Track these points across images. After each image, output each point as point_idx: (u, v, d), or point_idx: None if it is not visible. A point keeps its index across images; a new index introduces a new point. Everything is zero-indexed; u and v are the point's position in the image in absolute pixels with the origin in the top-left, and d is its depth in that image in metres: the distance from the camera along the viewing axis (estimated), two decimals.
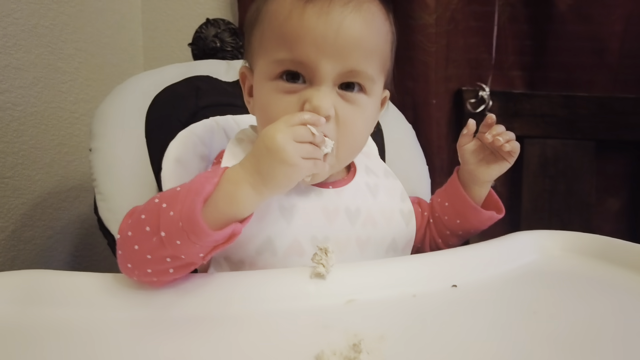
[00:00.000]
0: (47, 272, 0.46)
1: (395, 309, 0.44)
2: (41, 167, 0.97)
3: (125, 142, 0.67)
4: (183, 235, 0.41)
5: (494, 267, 0.54)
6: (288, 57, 0.49)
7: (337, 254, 0.52)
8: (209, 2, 1.20)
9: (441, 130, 1.09)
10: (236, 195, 0.43)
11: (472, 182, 0.63)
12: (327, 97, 0.49)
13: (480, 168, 0.61)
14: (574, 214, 1.11)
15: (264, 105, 0.52)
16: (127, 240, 0.44)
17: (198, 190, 0.42)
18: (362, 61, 0.50)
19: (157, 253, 0.42)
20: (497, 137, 0.58)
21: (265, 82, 0.52)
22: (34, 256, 0.97)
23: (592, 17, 1.05)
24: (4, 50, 0.87)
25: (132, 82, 0.74)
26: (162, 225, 0.42)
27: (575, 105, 1.09)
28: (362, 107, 0.52)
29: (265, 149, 0.44)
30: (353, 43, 0.49)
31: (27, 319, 0.42)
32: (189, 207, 0.41)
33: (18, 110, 0.91)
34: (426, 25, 1.03)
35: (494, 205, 0.64)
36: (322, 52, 0.48)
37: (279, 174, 0.44)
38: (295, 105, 0.49)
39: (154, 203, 0.44)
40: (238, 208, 0.44)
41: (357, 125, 0.53)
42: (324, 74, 0.49)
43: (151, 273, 0.44)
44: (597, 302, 0.47)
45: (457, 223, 0.64)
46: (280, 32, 0.50)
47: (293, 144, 0.44)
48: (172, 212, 0.42)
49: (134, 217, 0.45)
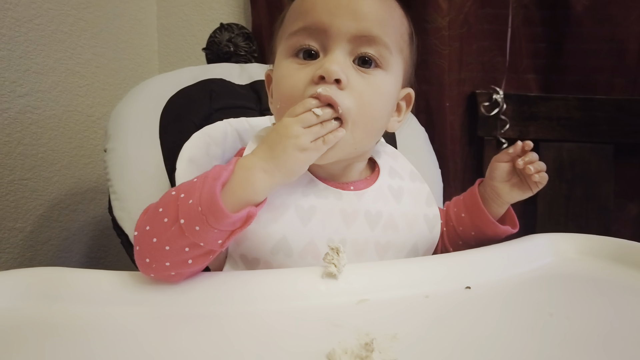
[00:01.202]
0: (64, 269, 0.47)
1: (408, 309, 0.44)
2: (58, 169, 0.99)
3: (139, 143, 0.68)
4: (202, 220, 0.42)
5: (508, 269, 0.53)
6: (302, 25, 0.51)
7: (354, 257, 0.52)
8: (222, 8, 1.22)
9: (455, 133, 1.09)
10: (249, 179, 0.45)
11: (492, 199, 0.62)
12: (337, 61, 0.49)
13: (505, 188, 0.61)
14: (591, 219, 1.09)
15: (279, 80, 0.53)
16: (144, 234, 0.45)
17: (215, 176, 0.44)
18: (377, 26, 0.51)
19: (176, 243, 0.43)
20: (529, 165, 0.58)
21: (282, 59, 0.53)
22: (51, 257, 0.98)
23: (609, 18, 1.03)
24: (25, 55, 0.90)
25: (147, 84, 0.75)
26: (180, 213, 0.43)
27: (593, 108, 1.07)
28: (379, 82, 0.52)
29: (277, 137, 0.47)
30: (366, 8, 0.50)
31: (44, 314, 0.43)
32: (208, 191, 0.43)
33: (37, 114, 0.93)
34: (439, 28, 1.03)
35: (509, 220, 0.64)
36: (335, 14, 0.49)
37: (290, 159, 0.46)
38: (309, 75, 0.49)
39: (170, 195, 0.46)
40: (253, 190, 0.45)
41: (373, 100, 0.51)
42: (337, 36, 0.50)
43: (170, 266, 0.44)
44: (613, 304, 0.46)
45: (472, 235, 0.63)
46: (297, 9, 0.53)
47: (303, 131, 0.46)
48: (191, 200, 0.43)
49: (150, 212, 0.46)
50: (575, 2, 1.03)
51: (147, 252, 0.44)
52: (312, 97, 0.48)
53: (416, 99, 0.60)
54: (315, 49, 0.51)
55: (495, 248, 0.57)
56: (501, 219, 0.63)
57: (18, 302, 0.44)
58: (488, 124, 1.09)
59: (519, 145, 0.60)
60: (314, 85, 0.49)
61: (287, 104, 0.50)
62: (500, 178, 0.61)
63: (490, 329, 0.41)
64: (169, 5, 1.24)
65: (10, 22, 0.86)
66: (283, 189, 0.52)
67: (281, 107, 0.52)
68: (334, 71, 0.48)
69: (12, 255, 0.91)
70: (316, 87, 0.48)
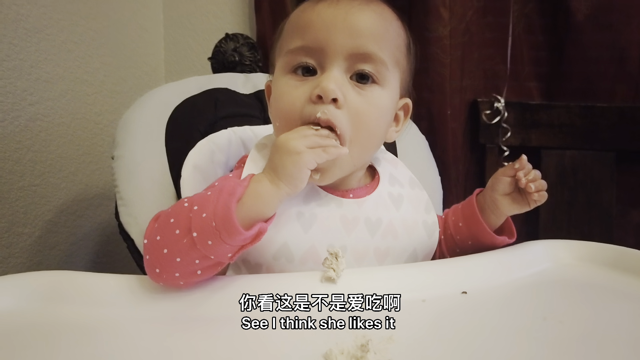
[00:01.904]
0: (72, 272, 0.48)
1: (405, 312, 0.44)
2: (66, 176, 1.01)
3: (146, 150, 0.70)
4: (215, 235, 0.43)
5: (505, 275, 0.54)
6: (300, 44, 0.52)
7: (354, 263, 0.53)
8: (228, 18, 1.24)
9: (457, 140, 1.09)
10: (259, 191, 0.47)
11: (491, 210, 0.62)
12: (334, 80, 0.50)
13: (505, 201, 0.61)
14: (594, 225, 1.09)
15: (277, 97, 0.54)
16: (155, 244, 0.45)
17: (230, 192, 0.45)
18: (373, 43, 0.51)
19: (187, 255, 0.44)
20: (530, 183, 0.58)
21: (280, 76, 0.54)
22: (58, 261, 1.00)
23: (610, 25, 1.04)
24: (36, 65, 0.92)
25: (154, 93, 0.77)
26: (193, 226, 0.44)
27: (595, 116, 1.08)
28: (376, 98, 0.52)
29: (275, 148, 0.49)
30: (362, 25, 0.51)
31: (53, 316, 0.44)
32: (223, 207, 0.44)
33: (46, 121, 0.95)
34: (441, 37, 1.04)
35: (507, 230, 0.64)
36: (332, 32, 0.51)
37: (287, 164, 0.47)
38: (306, 93, 0.51)
39: (182, 207, 0.46)
40: (263, 203, 0.47)
41: (370, 117, 0.52)
42: (334, 54, 0.51)
43: (179, 277, 0.45)
44: (608, 310, 0.47)
45: (469, 244, 0.64)
46: (294, 26, 0.54)
47: (299, 138, 0.48)
48: (205, 214, 0.44)
49: (161, 222, 0.47)
50: (576, 10, 1.04)
51: (157, 262, 0.45)
52: (312, 124, 0.50)
53: (418, 106, 0.62)
54: (313, 66, 0.52)
55: (492, 254, 0.58)
56: (499, 229, 0.64)
57: (27, 304, 0.46)
58: (490, 132, 1.10)
59: (524, 160, 0.60)
60: (312, 104, 0.50)
61: (285, 121, 0.52)
62: (502, 191, 0.61)
63: (485, 333, 0.41)
64: (176, 15, 1.27)
65: (22, 33, 0.89)
66: None
67: (280, 125, 0.53)
68: (331, 90, 0.49)
69: (20, 260, 0.92)
70: (314, 106, 0.50)
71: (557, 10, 1.06)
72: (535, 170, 0.60)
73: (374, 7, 0.54)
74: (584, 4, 1.04)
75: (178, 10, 1.26)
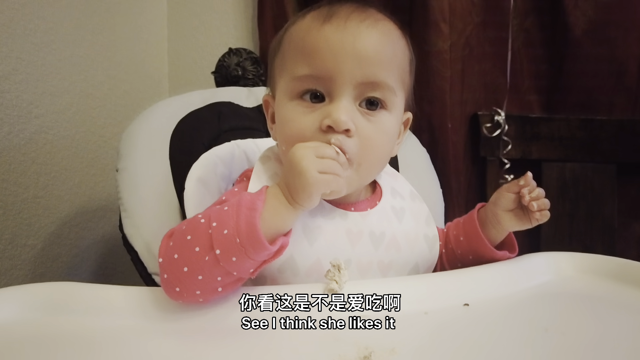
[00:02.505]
0: (74, 284, 0.49)
1: (407, 325, 0.45)
2: (70, 188, 1.02)
3: (150, 163, 0.71)
4: (240, 251, 0.43)
5: (507, 287, 0.54)
6: (307, 72, 0.51)
7: (358, 276, 0.53)
8: (231, 32, 1.26)
9: (458, 153, 1.10)
10: (277, 207, 0.47)
11: (492, 224, 0.62)
12: (346, 110, 0.49)
13: (507, 216, 0.60)
14: (596, 238, 1.09)
15: (284, 123, 0.53)
16: (173, 262, 0.45)
17: (251, 207, 0.45)
18: (381, 71, 0.51)
19: (210, 272, 0.44)
20: (533, 202, 0.57)
21: (286, 101, 0.53)
22: (60, 273, 1.00)
23: (608, 40, 1.06)
24: (42, 78, 0.93)
25: (159, 106, 0.78)
26: (215, 243, 0.43)
27: (595, 128, 1.09)
28: (384, 124, 0.53)
29: (289, 165, 0.48)
30: (371, 52, 0.50)
31: (54, 328, 0.44)
32: (246, 222, 0.44)
33: (51, 134, 0.96)
34: (441, 51, 1.06)
35: (508, 244, 0.63)
36: (341, 61, 0.49)
37: (298, 186, 0.46)
38: (316, 122, 0.50)
39: (199, 223, 0.46)
40: (282, 219, 0.47)
41: (379, 143, 0.53)
42: (343, 84, 0.50)
43: (200, 294, 0.45)
44: (610, 322, 0.47)
45: (470, 258, 0.64)
46: (299, 49, 0.52)
47: (312, 159, 0.46)
48: (227, 230, 0.44)
49: (177, 239, 0.46)
50: (575, 24, 1.06)
51: (177, 281, 0.45)
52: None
53: (419, 119, 0.62)
54: (321, 93, 0.51)
55: (494, 266, 0.58)
56: (500, 243, 0.63)
57: (29, 315, 0.46)
58: (490, 145, 1.10)
59: (529, 177, 0.59)
60: (322, 133, 0.50)
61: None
62: (505, 207, 0.60)
63: (487, 345, 0.41)
64: (180, 29, 1.29)
65: (29, 47, 0.90)
66: None
67: (287, 150, 0.51)
68: (343, 122, 0.49)
69: (23, 272, 0.93)
70: (324, 135, 0.50)
71: (556, 24, 1.08)
72: (539, 188, 0.59)
73: (381, 27, 0.52)
74: (581, 19, 1.06)
75: (182, 25, 1.28)
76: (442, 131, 1.08)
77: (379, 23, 0.52)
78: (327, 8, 0.53)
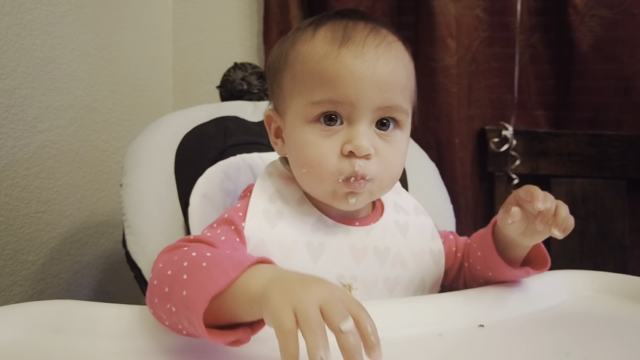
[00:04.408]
0: (75, 302, 0.47)
1: (421, 347, 0.43)
2: (72, 203, 1.00)
3: (155, 178, 0.70)
4: (190, 325, 0.38)
5: (523, 307, 0.52)
6: (327, 98, 0.51)
7: (364, 293, 0.52)
8: (236, 48, 1.26)
9: (465, 169, 1.09)
10: (244, 295, 0.38)
11: (512, 245, 0.55)
12: (367, 136, 0.51)
13: (525, 238, 0.53)
14: (607, 256, 1.07)
15: (302, 147, 0.53)
16: (152, 287, 0.43)
17: (213, 282, 0.38)
18: (398, 95, 0.52)
19: (171, 320, 0.41)
20: (554, 230, 0.50)
21: (302, 124, 0.53)
22: (60, 290, 0.98)
23: (615, 57, 1.06)
24: (47, 93, 0.93)
25: (164, 121, 0.77)
26: (173, 301, 0.39)
27: (603, 144, 1.08)
28: (399, 142, 0.54)
29: (270, 295, 0.35)
30: (389, 78, 0.51)
31: (52, 348, 0.43)
32: (196, 301, 0.37)
33: (55, 149, 0.96)
34: (448, 67, 1.06)
35: (538, 257, 0.56)
36: (362, 90, 0.50)
37: (269, 313, 0.35)
38: (336, 146, 0.51)
39: (180, 263, 0.42)
40: (238, 309, 0.39)
41: (396, 161, 0.55)
42: (363, 111, 0.51)
43: (168, 325, 0.42)
44: (632, 345, 0.45)
45: (490, 275, 0.58)
46: (316, 74, 0.51)
47: (300, 320, 0.33)
48: (185, 292, 0.38)
49: (162, 268, 0.43)
50: (581, 41, 1.06)
51: (151, 305, 0.43)
52: (346, 179, 0.51)
53: (426, 135, 0.62)
54: (338, 115, 0.52)
55: (509, 285, 0.56)
56: (526, 259, 0.57)
57: (31, 335, 0.44)
58: (498, 160, 1.09)
59: (516, 213, 0.50)
60: (343, 157, 0.51)
61: (316, 171, 0.52)
62: (516, 232, 0.53)
63: None
64: (185, 45, 1.29)
65: (35, 62, 0.90)
66: (293, 227, 0.53)
67: (308, 172, 0.53)
68: (365, 148, 0.50)
69: (23, 288, 0.91)
70: (347, 160, 0.50)
71: (562, 41, 1.08)
72: (544, 196, 0.50)
73: (395, 51, 0.53)
74: (588, 36, 1.06)
75: (187, 41, 1.29)
76: (449, 147, 1.07)
77: (392, 46, 0.53)
78: (341, 30, 0.52)
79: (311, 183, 0.54)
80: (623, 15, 1.04)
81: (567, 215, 0.50)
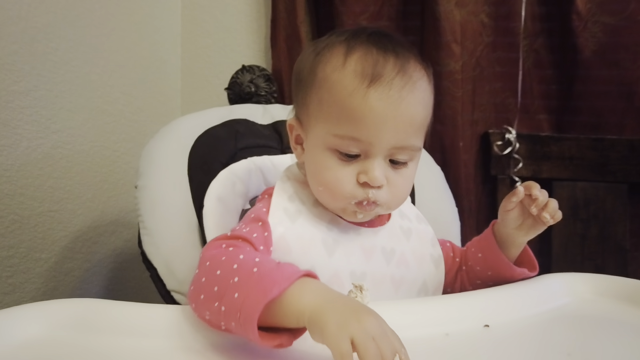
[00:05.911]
0: (101, 301, 0.49)
1: (428, 347, 0.45)
2: (84, 202, 1.02)
3: (169, 181, 0.71)
4: (239, 325, 0.41)
5: (526, 309, 0.54)
6: (349, 135, 0.53)
7: (373, 289, 0.54)
8: (244, 51, 1.28)
9: (469, 172, 1.11)
10: (295, 304, 0.41)
11: (508, 242, 0.62)
12: (380, 169, 0.54)
13: (520, 232, 0.61)
14: (608, 258, 1.08)
15: (320, 169, 0.56)
16: (200, 284, 0.46)
17: (266, 290, 0.41)
18: (413, 136, 0.56)
19: (215, 317, 0.44)
20: (544, 214, 0.57)
21: (322, 149, 0.56)
22: (72, 287, 1.00)
23: (617, 62, 1.07)
24: (60, 95, 0.95)
25: (176, 124, 0.79)
26: (224, 301, 0.42)
27: (605, 148, 1.09)
28: (410, 172, 0.58)
29: (326, 320, 0.39)
30: (409, 122, 0.54)
31: (80, 346, 0.44)
32: (250, 306, 0.40)
33: (67, 149, 0.98)
34: (452, 71, 1.07)
35: (527, 262, 0.63)
36: (381, 131, 0.53)
37: (323, 333, 0.39)
38: (352, 175, 0.55)
39: (229, 265, 0.45)
40: (288, 315, 0.42)
41: (406, 189, 0.59)
42: (379, 149, 0.54)
43: (207, 320, 0.45)
44: (633, 347, 0.47)
45: (489, 275, 0.64)
46: (342, 109, 0.53)
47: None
48: (237, 294, 0.42)
49: (210, 267, 0.46)
50: (584, 46, 1.07)
51: (194, 299, 0.46)
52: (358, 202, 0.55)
53: (430, 138, 0.64)
54: (357, 152, 0.54)
55: (512, 287, 0.58)
56: (519, 260, 0.64)
57: (56, 332, 0.46)
58: (501, 163, 1.11)
59: (520, 191, 0.58)
60: (358, 185, 0.54)
61: (332, 192, 0.56)
62: (512, 224, 0.60)
63: None
64: (193, 47, 1.31)
65: (50, 65, 0.92)
66: (310, 224, 0.57)
67: (324, 190, 0.57)
68: (378, 180, 0.54)
69: (35, 285, 0.93)
70: (361, 189, 0.54)
71: (565, 46, 1.09)
72: (542, 192, 0.57)
73: (418, 92, 0.55)
74: (591, 41, 1.07)
75: (196, 44, 1.30)
76: (453, 150, 1.09)
77: (416, 85, 0.55)
78: (371, 67, 0.53)
79: (325, 199, 0.58)
80: (626, 21, 1.05)
81: (557, 209, 0.58)
